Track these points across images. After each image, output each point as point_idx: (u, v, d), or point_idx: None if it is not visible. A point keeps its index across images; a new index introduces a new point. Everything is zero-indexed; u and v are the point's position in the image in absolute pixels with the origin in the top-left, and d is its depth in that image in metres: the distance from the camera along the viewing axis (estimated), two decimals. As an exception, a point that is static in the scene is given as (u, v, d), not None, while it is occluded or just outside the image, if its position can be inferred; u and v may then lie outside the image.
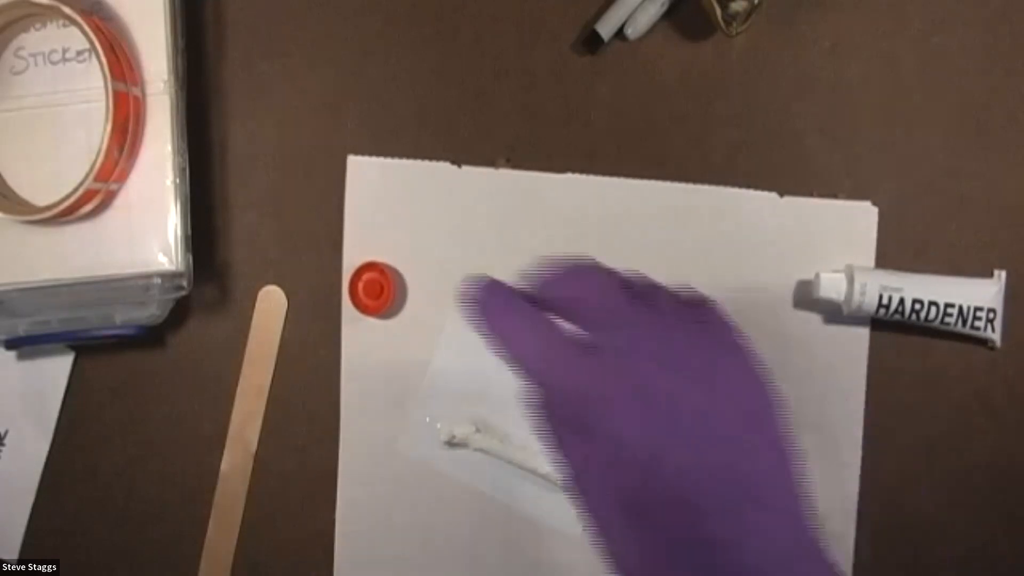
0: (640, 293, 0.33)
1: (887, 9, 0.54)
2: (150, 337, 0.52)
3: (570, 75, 0.54)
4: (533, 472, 0.53)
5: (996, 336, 0.52)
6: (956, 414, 0.53)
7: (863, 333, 0.53)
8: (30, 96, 0.50)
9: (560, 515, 0.53)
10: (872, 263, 0.53)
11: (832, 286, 0.51)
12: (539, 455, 0.53)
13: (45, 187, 0.49)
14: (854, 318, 0.53)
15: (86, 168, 0.47)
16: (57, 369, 0.54)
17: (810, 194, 0.53)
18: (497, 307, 0.32)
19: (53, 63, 0.50)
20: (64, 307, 0.50)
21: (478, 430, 0.53)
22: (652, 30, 0.53)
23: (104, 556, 0.54)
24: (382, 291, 0.52)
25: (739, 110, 0.53)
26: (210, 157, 0.54)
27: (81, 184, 0.47)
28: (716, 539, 0.28)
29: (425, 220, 0.53)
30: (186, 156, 0.51)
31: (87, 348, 0.54)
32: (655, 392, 0.29)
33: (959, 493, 0.53)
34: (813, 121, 0.53)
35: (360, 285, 0.52)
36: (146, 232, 0.49)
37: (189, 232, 0.50)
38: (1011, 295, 0.53)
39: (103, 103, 0.47)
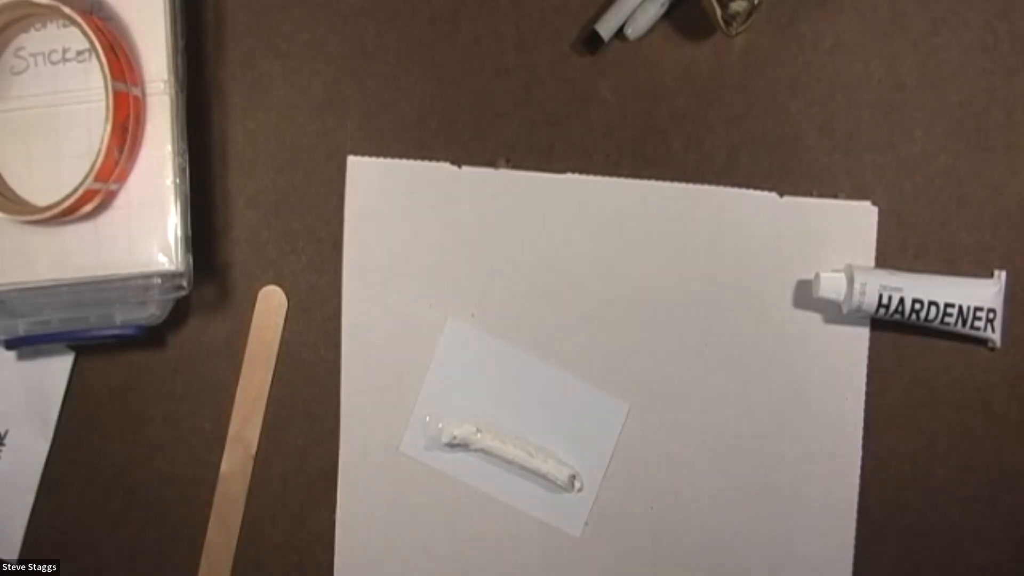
0: None
1: (887, 9, 0.54)
2: (150, 337, 0.52)
3: (570, 75, 0.54)
4: (534, 472, 0.53)
5: (996, 336, 0.52)
6: (956, 414, 0.53)
7: (863, 333, 0.53)
8: (30, 96, 0.50)
9: (560, 515, 0.53)
10: (872, 263, 0.53)
11: (832, 286, 0.51)
12: (539, 455, 0.53)
13: (45, 187, 0.49)
14: (854, 318, 0.53)
15: (86, 168, 0.47)
16: (57, 369, 0.54)
17: (810, 194, 0.53)
18: None
19: (53, 63, 0.50)
20: (64, 307, 0.50)
21: (478, 430, 0.53)
22: (652, 30, 0.53)
23: (104, 556, 0.54)
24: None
25: (739, 110, 0.53)
26: (210, 157, 0.54)
27: (81, 184, 0.47)
28: None
29: (425, 220, 0.53)
30: (186, 156, 0.51)
31: (87, 348, 0.54)
32: None
33: (959, 493, 0.53)
34: (813, 121, 0.54)
35: None
36: (146, 232, 0.49)
37: (189, 232, 0.50)
38: (1011, 295, 0.53)
39: (103, 103, 0.47)
